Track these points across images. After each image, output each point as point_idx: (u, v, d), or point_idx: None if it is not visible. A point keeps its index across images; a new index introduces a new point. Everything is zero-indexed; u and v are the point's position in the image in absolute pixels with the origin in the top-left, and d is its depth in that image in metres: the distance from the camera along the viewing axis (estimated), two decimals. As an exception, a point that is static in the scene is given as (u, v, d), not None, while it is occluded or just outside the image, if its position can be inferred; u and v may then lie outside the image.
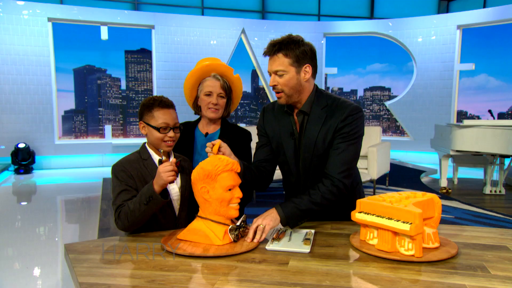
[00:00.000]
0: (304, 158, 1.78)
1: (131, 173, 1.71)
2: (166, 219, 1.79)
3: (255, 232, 1.55)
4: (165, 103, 1.77)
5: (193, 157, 2.06)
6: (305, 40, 1.72)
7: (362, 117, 1.73)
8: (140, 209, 1.59)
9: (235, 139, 2.05)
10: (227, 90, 2.05)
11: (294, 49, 1.66)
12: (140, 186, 1.69)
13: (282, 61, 1.67)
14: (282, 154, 1.84)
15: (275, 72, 1.69)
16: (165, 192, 1.65)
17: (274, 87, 1.71)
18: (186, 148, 2.06)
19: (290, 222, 1.65)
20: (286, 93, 1.71)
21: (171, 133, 1.75)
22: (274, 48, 1.67)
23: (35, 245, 4.03)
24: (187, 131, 2.12)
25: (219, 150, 1.65)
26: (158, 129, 1.73)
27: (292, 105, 1.79)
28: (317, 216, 1.85)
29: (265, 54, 1.73)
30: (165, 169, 1.58)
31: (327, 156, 1.73)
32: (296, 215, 1.65)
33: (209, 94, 2.01)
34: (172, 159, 1.65)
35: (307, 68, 1.70)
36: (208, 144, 1.62)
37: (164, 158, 1.70)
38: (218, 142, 1.64)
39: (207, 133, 2.10)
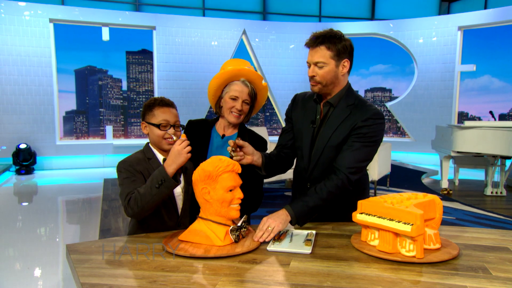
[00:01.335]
0: (318, 147, 1.82)
1: (139, 170, 1.72)
2: (169, 218, 1.79)
3: (263, 233, 1.57)
4: (165, 102, 1.81)
5: (206, 156, 2.05)
6: (345, 36, 1.77)
7: (383, 124, 1.77)
8: (152, 193, 1.59)
9: (251, 145, 2.05)
10: (253, 98, 2.04)
11: (336, 43, 1.71)
12: None
13: (324, 53, 1.72)
14: (299, 140, 1.90)
15: (315, 64, 1.74)
16: (175, 176, 1.65)
17: (312, 77, 1.77)
18: (201, 147, 2.05)
19: (300, 220, 1.68)
20: (323, 84, 1.77)
21: (171, 130, 1.77)
22: (318, 40, 1.72)
23: (36, 245, 4.04)
24: (204, 129, 2.11)
25: (241, 149, 1.70)
26: (158, 126, 1.75)
27: (321, 95, 1.85)
28: (320, 217, 1.86)
29: (307, 45, 1.77)
30: (183, 146, 1.62)
31: (339, 151, 1.77)
32: (305, 212, 1.68)
33: (234, 99, 1.99)
34: (179, 137, 1.67)
35: (346, 63, 1.76)
36: (230, 142, 1.66)
37: (175, 138, 1.71)
38: (239, 141, 1.68)
39: (224, 135, 2.09)
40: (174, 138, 1.69)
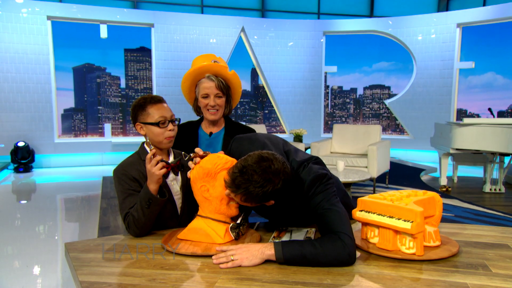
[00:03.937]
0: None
1: (133, 176, 1.71)
2: (169, 218, 1.78)
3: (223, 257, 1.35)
4: (155, 99, 1.76)
5: None
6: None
7: (327, 182, 1.45)
8: (144, 214, 1.60)
9: None
10: (224, 89, 2.01)
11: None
12: None
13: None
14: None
15: None
16: (162, 190, 1.65)
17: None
18: (190, 148, 2.05)
19: (288, 261, 1.32)
20: None
21: (170, 126, 1.75)
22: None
23: (35, 243, 4.03)
24: (191, 131, 2.10)
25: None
26: (157, 124, 1.72)
27: None
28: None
29: None
30: (153, 164, 1.59)
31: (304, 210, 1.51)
32: (297, 256, 1.32)
33: (206, 96, 1.99)
34: (152, 152, 1.63)
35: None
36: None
37: (150, 152, 1.68)
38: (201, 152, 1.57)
39: (211, 133, 2.08)
40: (150, 153, 1.62)
